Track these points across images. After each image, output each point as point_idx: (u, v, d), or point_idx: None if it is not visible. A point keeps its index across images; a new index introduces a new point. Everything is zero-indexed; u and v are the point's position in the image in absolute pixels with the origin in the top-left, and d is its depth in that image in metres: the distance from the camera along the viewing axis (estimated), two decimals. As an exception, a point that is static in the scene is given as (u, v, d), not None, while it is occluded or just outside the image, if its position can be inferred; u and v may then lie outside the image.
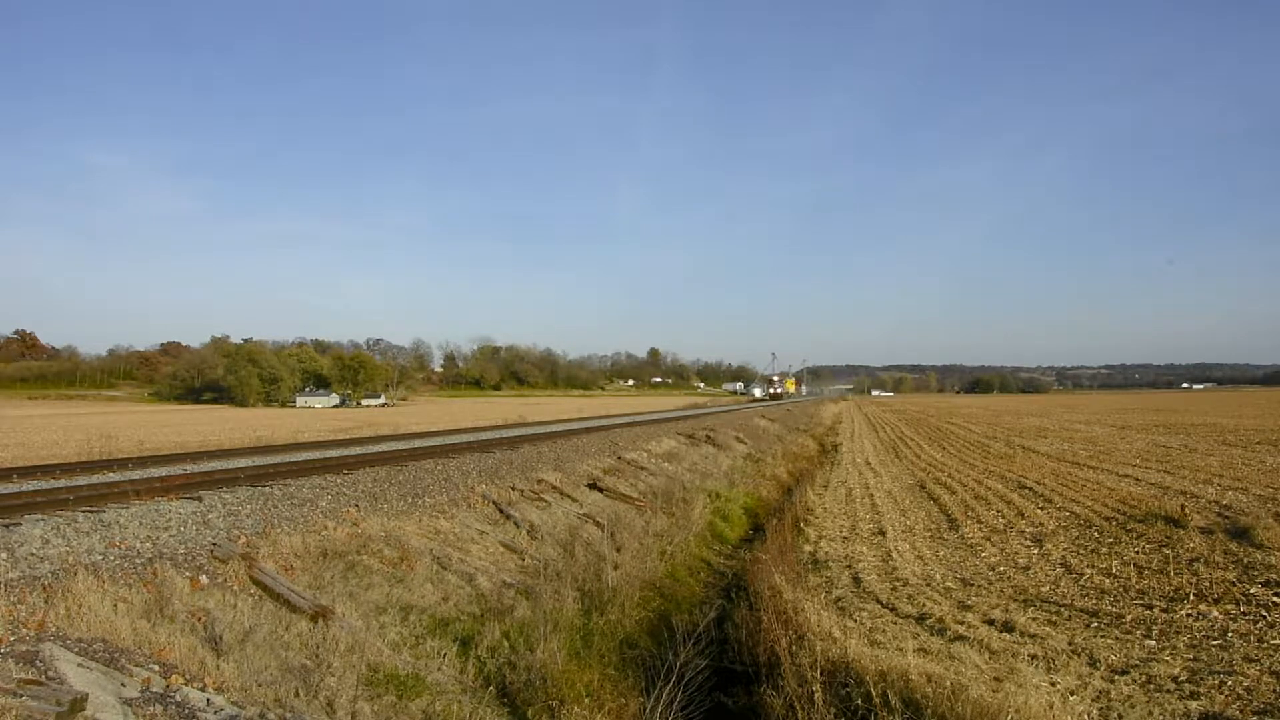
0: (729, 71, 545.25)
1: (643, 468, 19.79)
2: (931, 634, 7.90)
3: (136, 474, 12.39)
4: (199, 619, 6.40)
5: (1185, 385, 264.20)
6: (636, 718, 6.75)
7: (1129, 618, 8.20)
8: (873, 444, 35.78)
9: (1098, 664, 6.86)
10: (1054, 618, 8.38)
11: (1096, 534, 12.57)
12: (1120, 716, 5.80)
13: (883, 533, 13.67)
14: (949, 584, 10.12)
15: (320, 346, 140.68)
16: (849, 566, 11.23)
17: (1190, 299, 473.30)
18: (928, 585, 10.07)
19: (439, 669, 6.85)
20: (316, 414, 69.76)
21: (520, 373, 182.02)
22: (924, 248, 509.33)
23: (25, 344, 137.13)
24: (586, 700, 6.84)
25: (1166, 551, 10.95)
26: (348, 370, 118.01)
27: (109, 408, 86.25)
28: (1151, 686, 6.32)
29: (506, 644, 7.49)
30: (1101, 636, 7.68)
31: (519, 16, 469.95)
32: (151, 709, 4.61)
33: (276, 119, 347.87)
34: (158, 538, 7.97)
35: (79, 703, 4.23)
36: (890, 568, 11.12)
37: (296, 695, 5.63)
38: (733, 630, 8.95)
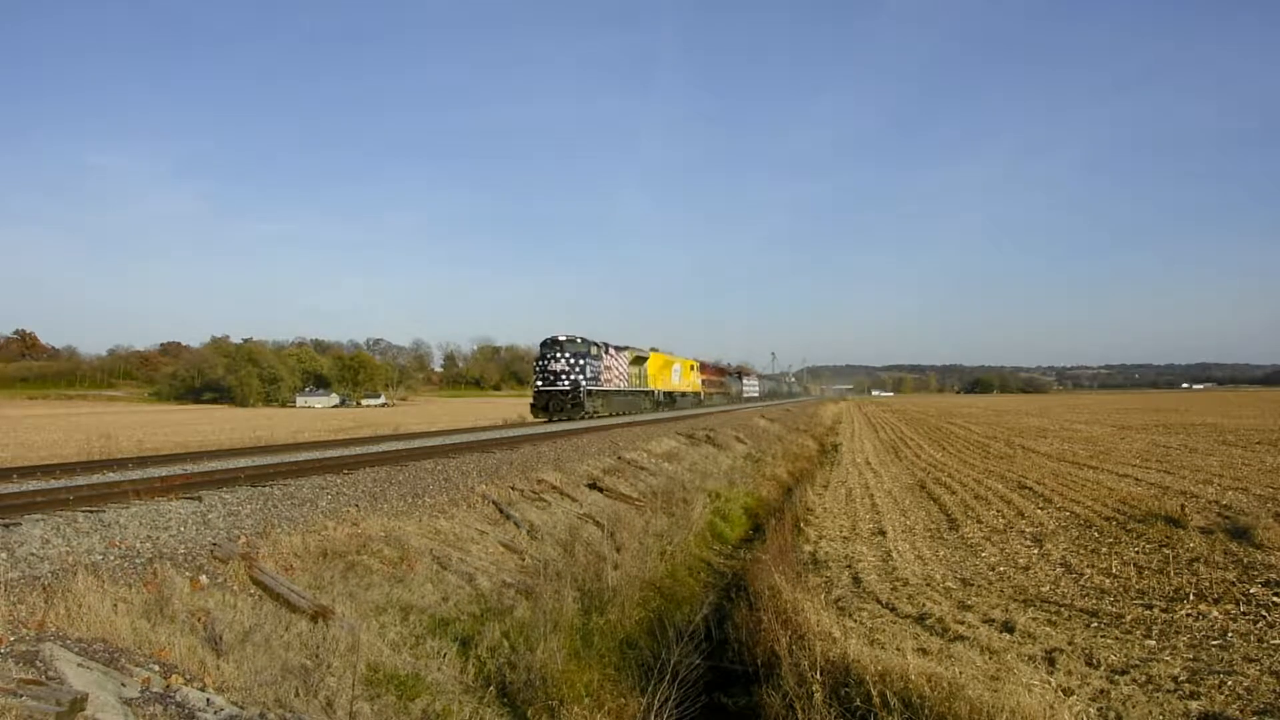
0: (729, 74, 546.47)
1: (643, 468, 19.78)
2: (931, 634, 7.91)
3: (136, 474, 12.37)
4: (199, 619, 6.40)
5: (1185, 385, 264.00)
6: (636, 718, 6.74)
7: (1129, 618, 8.20)
8: (873, 444, 35.78)
9: (1097, 664, 6.86)
10: (1054, 618, 8.38)
11: (1096, 534, 12.56)
12: (1120, 716, 5.80)
13: (883, 533, 13.67)
14: (949, 584, 10.12)
15: (320, 346, 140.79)
16: (849, 566, 11.23)
17: (1190, 299, 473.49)
18: (928, 585, 10.06)
19: (439, 669, 6.85)
20: (316, 414, 69.78)
21: (520, 373, 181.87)
22: (924, 247, 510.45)
23: (25, 344, 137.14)
24: (586, 700, 6.84)
25: (1166, 551, 10.94)
26: (348, 370, 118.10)
27: (109, 408, 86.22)
28: (1151, 686, 6.32)
29: (506, 644, 7.49)
30: (1101, 636, 7.68)
31: (520, 19, 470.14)
32: (151, 709, 4.61)
33: (277, 119, 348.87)
34: (158, 538, 7.96)
35: (79, 703, 4.23)
36: (890, 568, 11.12)
37: (296, 695, 5.63)
38: (732, 630, 8.95)
